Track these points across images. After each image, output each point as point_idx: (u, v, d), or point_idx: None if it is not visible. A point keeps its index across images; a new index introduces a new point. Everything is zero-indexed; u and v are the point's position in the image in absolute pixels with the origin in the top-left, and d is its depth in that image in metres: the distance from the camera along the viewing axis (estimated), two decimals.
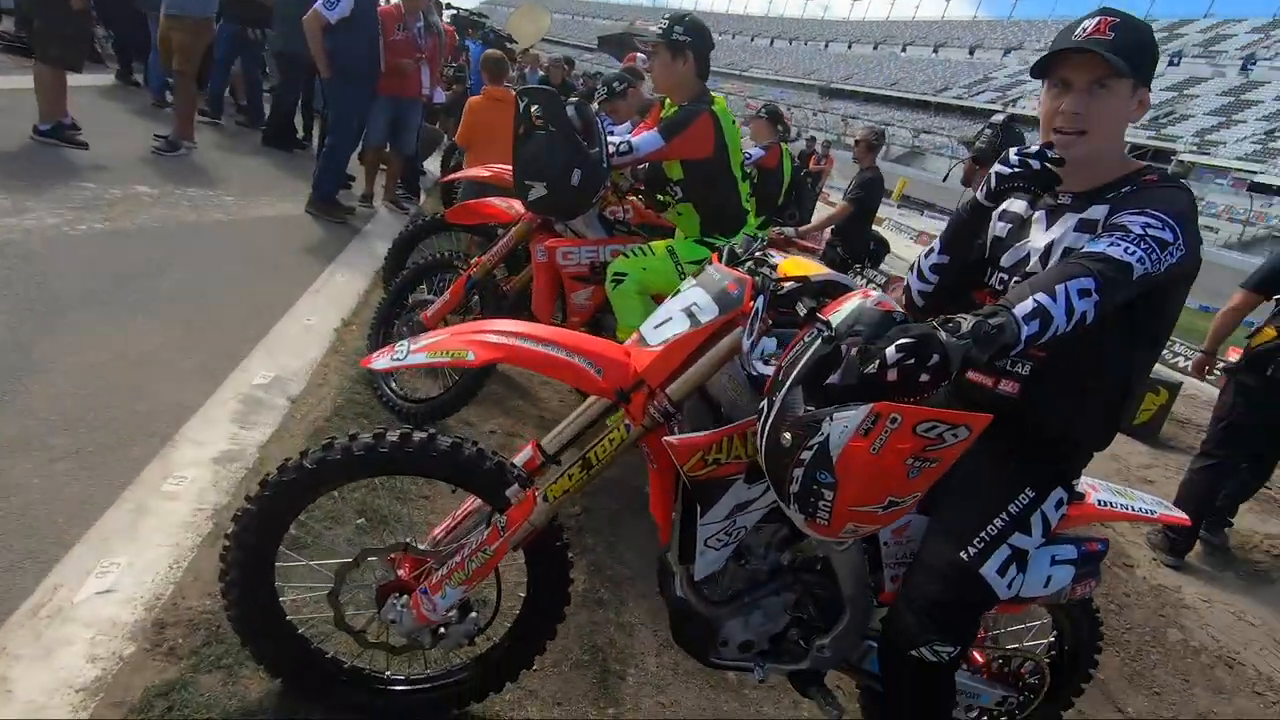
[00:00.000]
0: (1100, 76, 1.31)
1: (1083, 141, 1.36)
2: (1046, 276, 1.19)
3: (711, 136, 2.51)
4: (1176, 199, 1.28)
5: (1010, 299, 1.15)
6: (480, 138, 4.99)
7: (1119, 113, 1.35)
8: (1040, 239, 1.47)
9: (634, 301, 2.57)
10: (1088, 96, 1.33)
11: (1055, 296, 1.14)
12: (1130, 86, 1.33)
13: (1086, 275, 1.17)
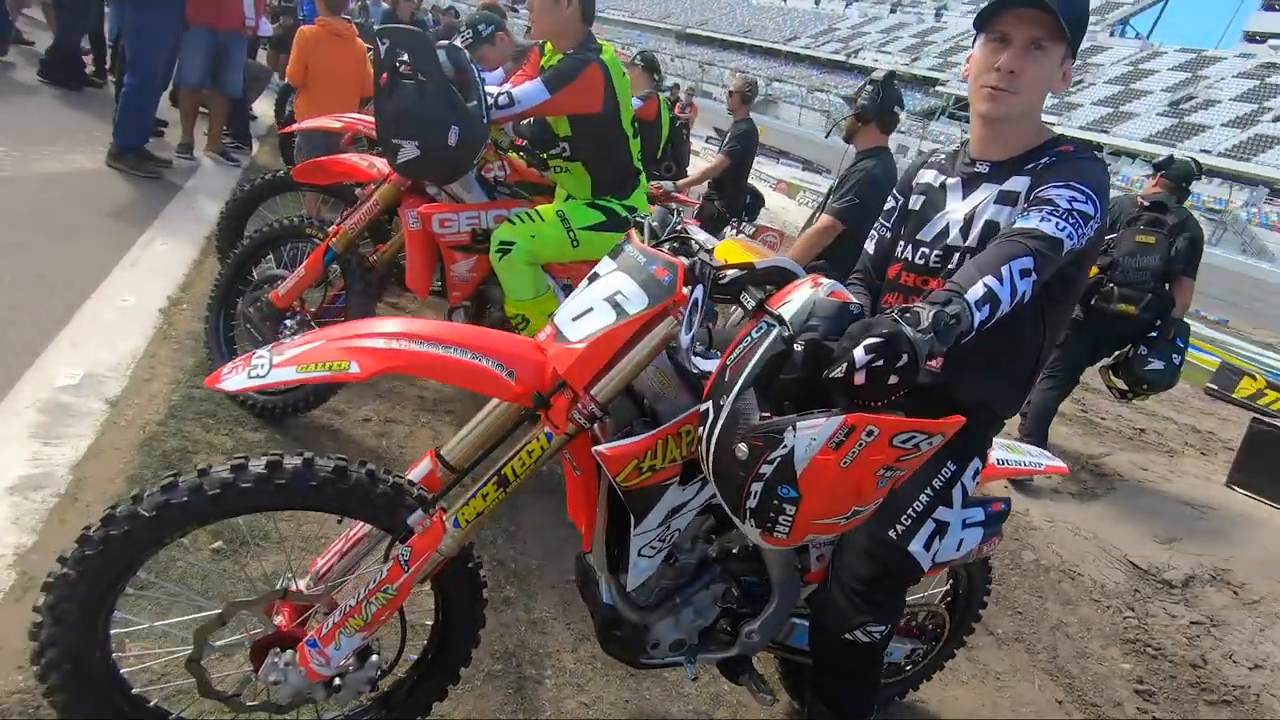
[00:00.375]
0: (1039, 37, 1.28)
1: (1012, 101, 1.33)
2: (990, 257, 1.15)
3: (601, 89, 2.29)
4: (1094, 170, 1.29)
5: (960, 283, 1.10)
6: (317, 76, 4.35)
7: (1049, 78, 1.32)
8: (959, 209, 1.44)
9: (524, 273, 2.35)
10: (1024, 56, 1.29)
11: (1002, 279, 1.11)
12: (1063, 53, 1.31)
13: (1027, 254, 1.15)
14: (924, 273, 1.48)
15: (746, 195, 5.26)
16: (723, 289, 1.14)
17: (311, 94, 4.37)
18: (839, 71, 63.91)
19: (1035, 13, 1.26)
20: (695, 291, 1.13)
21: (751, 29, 74.62)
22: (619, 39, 73.41)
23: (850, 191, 2.90)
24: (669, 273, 1.15)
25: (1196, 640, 2.98)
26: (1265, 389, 8.40)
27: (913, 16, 69.26)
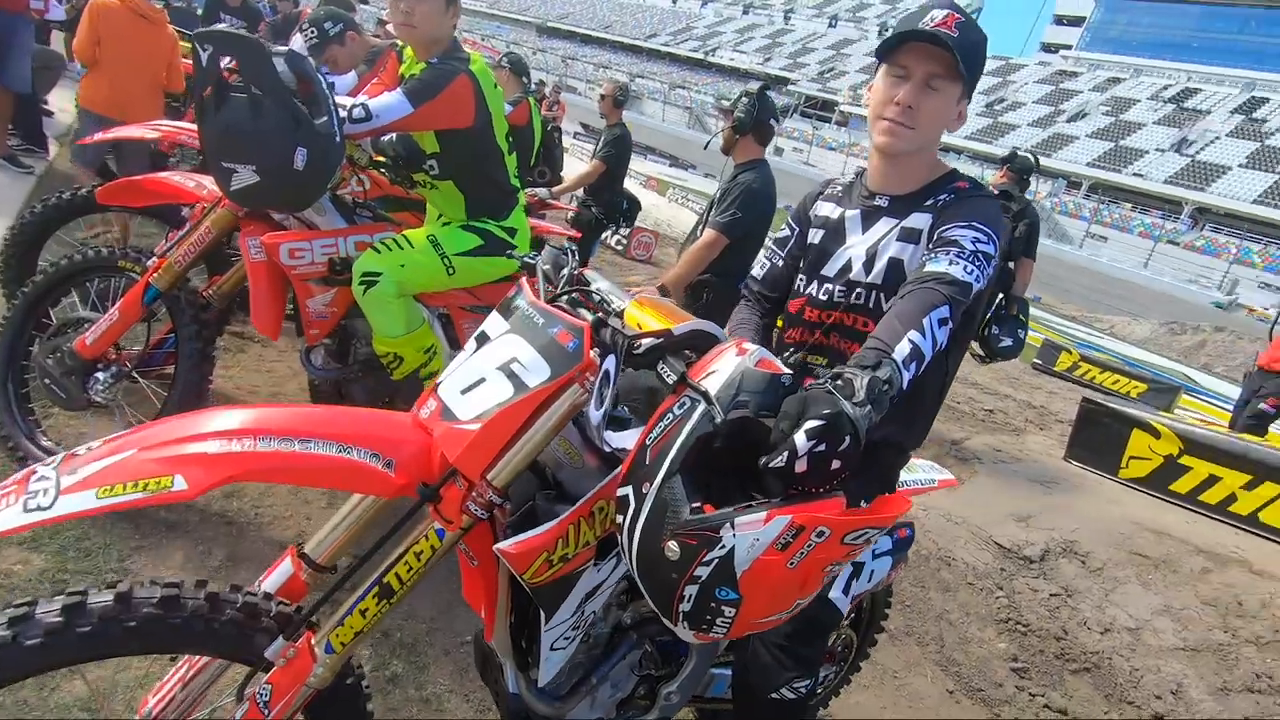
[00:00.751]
0: (935, 73, 1.27)
1: (909, 137, 1.32)
2: (910, 309, 1.11)
3: (471, 102, 2.08)
4: (991, 208, 1.29)
5: (885, 340, 1.05)
6: (112, 57, 3.70)
7: (945, 115, 1.32)
8: (860, 243, 1.41)
9: (393, 306, 2.09)
10: (922, 91, 1.28)
11: (924, 331, 1.07)
12: (959, 92, 1.30)
13: (944, 303, 1.13)
14: (828, 308, 1.44)
15: (623, 200, 5.16)
16: (638, 360, 1.01)
17: (103, 76, 3.70)
18: (699, 69, 65.86)
19: (935, 49, 1.25)
20: (606, 363, 0.99)
21: (612, 25, 75.09)
22: (478, 29, 71.26)
23: (732, 205, 2.87)
24: (573, 338, 1.01)
25: (1056, 612, 3.25)
26: (1079, 361, 9.55)
27: (764, 18, 72.69)
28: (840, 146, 49.69)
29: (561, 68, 64.20)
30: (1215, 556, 3.63)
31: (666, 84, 62.27)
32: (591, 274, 1.21)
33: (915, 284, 1.18)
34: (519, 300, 1.11)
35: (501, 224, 2.31)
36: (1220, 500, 4.01)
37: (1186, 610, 3.29)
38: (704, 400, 0.89)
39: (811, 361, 1.50)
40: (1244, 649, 3.06)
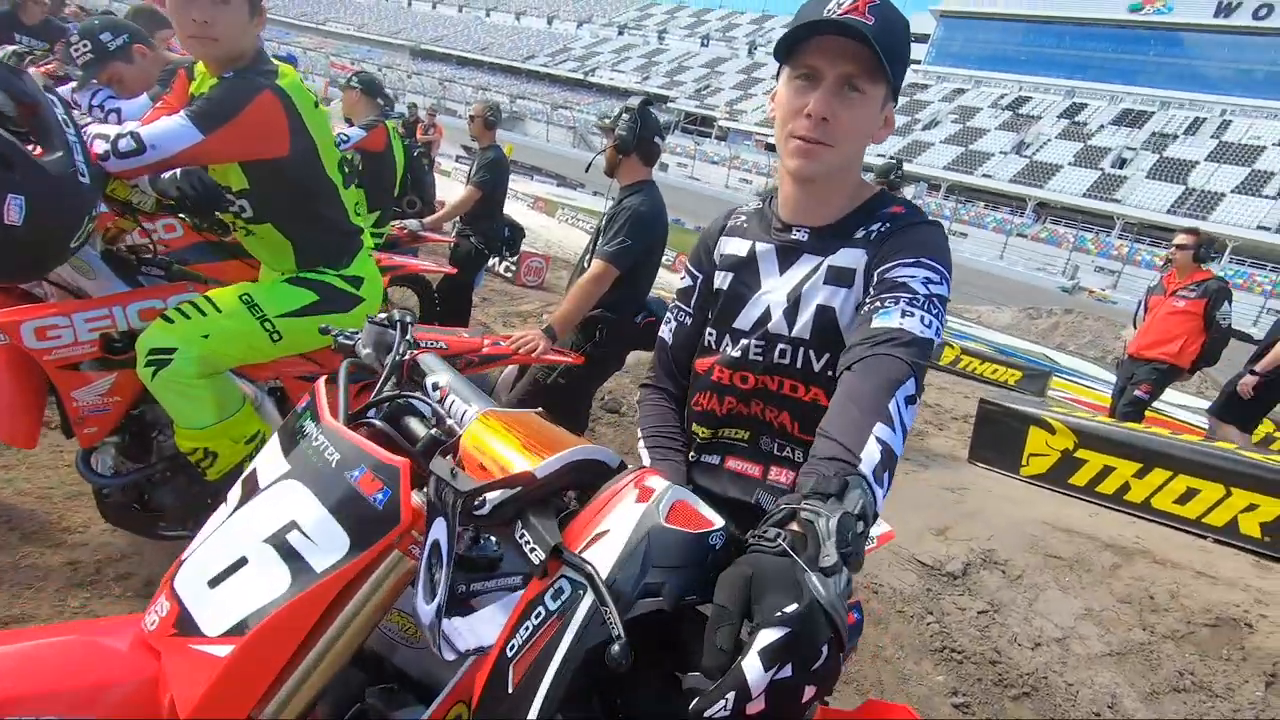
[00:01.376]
0: (854, 74, 1.00)
1: (827, 156, 1.04)
2: (870, 390, 0.84)
3: (283, 126, 1.65)
4: (938, 238, 1.05)
5: (843, 440, 0.77)
6: None
7: (867, 125, 1.05)
8: (778, 287, 1.13)
9: (197, 390, 1.62)
10: (837, 97, 1.01)
11: (893, 421, 0.81)
12: (884, 93, 1.04)
13: (908, 374, 0.87)
14: (743, 367, 1.16)
15: (504, 228, 4.77)
16: (483, 520, 0.66)
17: None
18: (579, 89, 66.37)
19: (849, 44, 0.98)
20: (434, 530, 0.63)
21: (489, 47, 74.34)
22: (346, 54, 68.50)
23: (620, 232, 2.58)
24: (382, 485, 0.64)
25: (987, 631, 3.15)
26: (961, 354, 10.02)
27: (639, 38, 74.35)
28: (722, 160, 51.41)
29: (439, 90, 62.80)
30: (1121, 550, 3.68)
31: (548, 104, 62.23)
32: (431, 363, 0.85)
33: (866, 347, 0.91)
34: (306, 423, 0.74)
35: (342, 272, 1.89)
36: (1116, 490, 4.11)
37: (1106, 611, 3.27)
38: (589, 586, 0.55)
39: (728, 436, 1.20)
40: (1163, 646, 3.06)
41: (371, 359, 0.91)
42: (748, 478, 1.17)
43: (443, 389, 0.83)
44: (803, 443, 1.13)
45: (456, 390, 0.84)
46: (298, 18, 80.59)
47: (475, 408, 0.79)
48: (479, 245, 4.60)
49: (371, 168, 3.71)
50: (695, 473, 1.24)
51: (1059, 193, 41.47)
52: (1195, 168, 42.20)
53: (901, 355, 0.90)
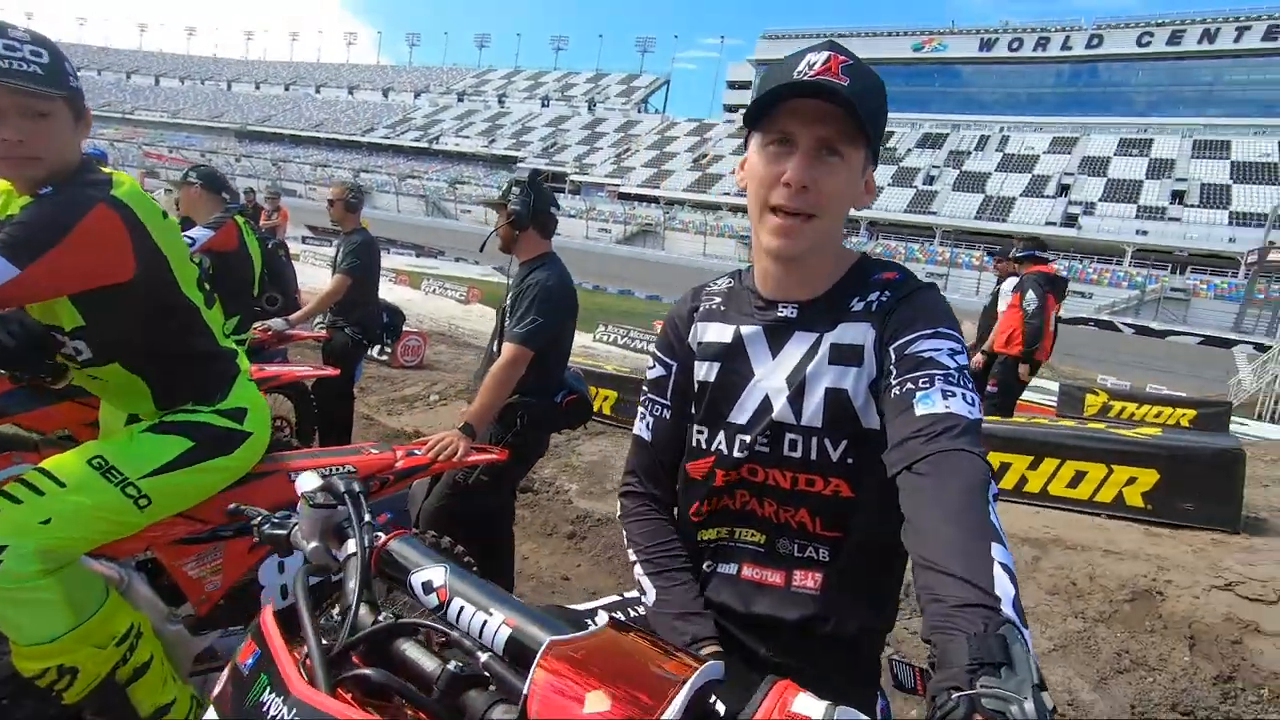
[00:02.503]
0: (832, 137, 0.93)
1: (809, 231, 0.96)
2: (963, 504, 0.75)
3: (123, 244, 1.35)
4: (943, 303, 0.99)
5: (977, 579, 0.67)
6: None
7: (850, 191, 0.98)
8: (774, 374, 1.03)
9: (43, 593, 1.25)
10: (815, 162, 0.93)
11: (1002, 538, 0.70)
12: (863, 159, 0.97)
13: (987, 472, 0.80)
14: (749, 463, 1.03)
15: (382, 313, 4.42)
16: None
17: None
18: (425, 158, 65.68)
19: (824, 106, 0.91)
20: None
21: (323, 123, 71.99)
22: (164, 142, 63.53)
23: (530, 311, 2.41)
24: None
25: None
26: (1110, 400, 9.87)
27: (479, 104, 75.10)
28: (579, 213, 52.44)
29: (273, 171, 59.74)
30: (1036, 542, 3.88)
31: (395, 175, 60.87)
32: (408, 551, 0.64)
33: (923, 442, 0.81)
34: (265, 696, 0.51)
35: (218, 407, 1.57)
36: (1015, 484, 4.37)
37: (1040, 606, 3.41)
38: None
39: (743, 539, 1.06)
40: (1097, 630, 3.21)
41: (321, 554, 0.68)
42: (769, 587, 1.04)
43: (440, 590, 0.62)
44: (828, 541, 1.02)
45: (465, 591, 0.62)
46: (101, 108, 74.09)
47: (499, 617, 0.59)
48: (355, 336, 4.22)
49: (224, 269, 3.29)
50: (712, 588, 1.09)
51: (885, 211, 46.01)
52: (989, 178, 48.53)
53: (968, 447, 0.81)
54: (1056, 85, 56.94)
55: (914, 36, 61.55)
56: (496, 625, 0.59)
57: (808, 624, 1.01)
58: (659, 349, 1.17)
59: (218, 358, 1.62)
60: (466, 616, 0.61)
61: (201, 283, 1.60)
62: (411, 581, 0.64)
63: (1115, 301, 36.56)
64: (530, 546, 3.92)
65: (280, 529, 0.73)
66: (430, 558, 0.66)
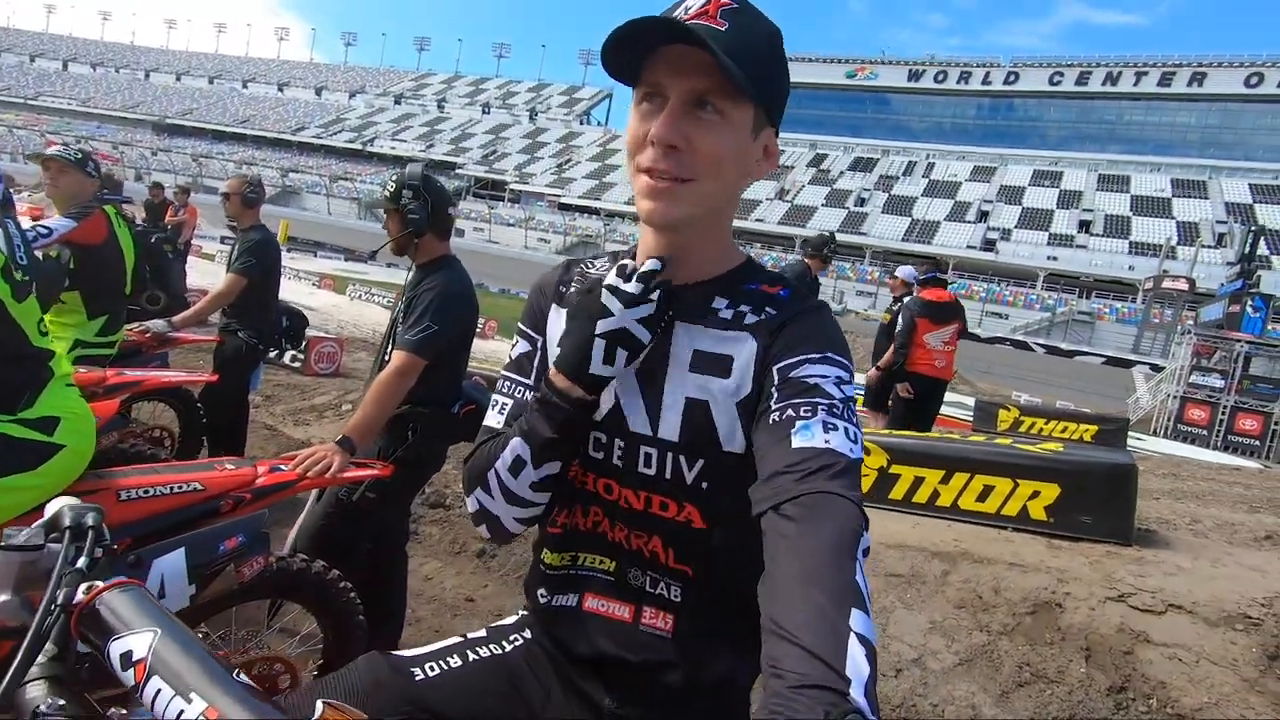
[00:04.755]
0: (707, 89, 0.80)
1: (684, 194, 0.82)
2: (826, 560, 0.65)
3: None
4: (836, 328, 0.89)
5: (824, 654, 0.57)
6: None
7: (737, 153, 0.84)
8: (633, 372, 0.91)
9: None
10: (687, 117, 0.80)
11: (865, 602, 0.63)
12: (751, 119, 0.84)
13: (859, 522, 0.71)
14: (607, 474, 0.92)
15: (281, 318, 4.13)
16: None
17: None
18: (359, 159, 63.84)
19: (699, 55, 0.77)
20: None
21: (250, 119, 69.01)
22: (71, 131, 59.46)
23: (425, 317, 2.24)
24: None
25: None
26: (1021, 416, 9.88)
27: (417, 107, 73.63)
28: (518, 222, 51.94)
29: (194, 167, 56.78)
30: (945, 556, 3.94)
31: (326, 176, 58.83)
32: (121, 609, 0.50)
33: (794, 479, 0.72)
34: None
35: (22, 416, 1.36)
36: (928, 498, 4.44)
37: (947, 620, 3.43)
38: None
39: (588, 565, 0.95)
40: (1000, 643, 3.26)
41: (14, 610, 0.52)
42: (615, 622, 0.92)
43: (139, 665, 0.47)
44: (677, 574, 0.91)
45: (167, 667, 0.47)
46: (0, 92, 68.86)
47: (199, 705, 0.44)
48: (250, 340, 3.91)
49: (89, 264, 2.97)
50: (545, 625, 0.98)
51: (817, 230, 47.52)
52: (916, 202, 50.79)
53: (843, 491, 0.70)
54: (978, 117, 60.33)
55: (848, 64, 64.08)
56: (195, 717, 0.45)
57: (656, 670, 0.90)
58: (523, 322, 1.03)
59: (25, 359, 1.41)
60: (162, 703, 0.46)
61: (8, 271, 1.39)
62: (110, 651, 0.49)
63: (1029, 322, 38.79)
64: (435, 565, 3.71)
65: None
66: (149, 616, 0.51)
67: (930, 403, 6.08)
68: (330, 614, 1.91)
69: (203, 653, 0.50)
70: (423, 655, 0.95)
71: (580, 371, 0.84)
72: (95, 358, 3.06)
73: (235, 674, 0.49)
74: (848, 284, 42.94)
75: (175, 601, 1.56)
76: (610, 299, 0.83)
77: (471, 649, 0.98)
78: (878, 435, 4.86)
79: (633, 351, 0.83)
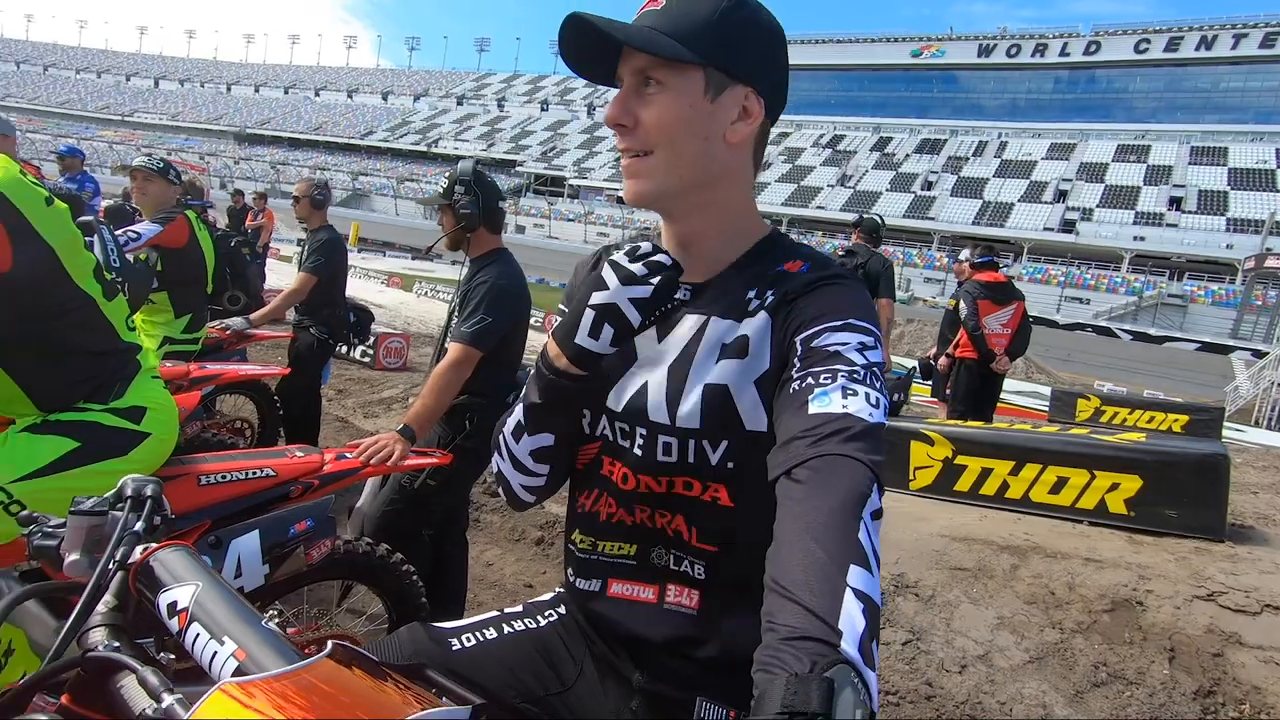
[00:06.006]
0: (646, 65, 0.85)
1: (646, 168, 0.87)
2: (829, 518, 0.65)
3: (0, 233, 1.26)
4: (861, 294, 0.87)
5: (817, 608, 0.57)
6: None
7: (687, 119, 0.85)
8: (654, 360, 0.93)
9: None
10: (634, 96, 0.86)
11: (867, 560, 0.62)
12: (702, 81, 0.85)
13: (870, 483, 0.69)
14: (626, 461, 0.93)
15: (348, 313, 4.32)
16: None
17: None
18: (424, 161, 65.76)
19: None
20: None
21: (323, 126, 72.09)
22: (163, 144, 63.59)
23: (479, 309, 2.31)
24: None
25: (914, 663, 3.06)
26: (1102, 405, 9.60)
27: (479, 108, 75.24)
28: (577, 217, 52.48)
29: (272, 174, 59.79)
30: (1015, 549, 3.78)
31: (393, 179, 60.93)
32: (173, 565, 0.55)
33: (808, 444, 0.71)
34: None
35: (113, 406, 1.47)
36: (997, 490, 4.27)
37: (1017, 616, 3.30)
38: None
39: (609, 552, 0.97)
40: (1074, 641, 3.11)
41: (82, 568, 0.59)
42: (641, 604, 0.94)
43: (182, 614, 0.53)
44: (702, 553, 0.91)
45: (205, 614, 0.53)
46: (99, 111, 74.22)
47: (229, 647, 0.50)
48: (321, 335, 4.12)
49: (174, 266, 3.19)
50: (575, 601, 1.01)
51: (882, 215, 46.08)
52: (987, 184, 48.53)
53: (857, 454, 0.69)
54: (1055, 91, 57.06)
55: (912, 43, 61.70)
56: (225, 657, 0.50)
57: (684, 646, 0.91)
58: (563, 302, 1.06)
59: (115, 353, 1.52)
60: (200, 645, 0.52)
61: (100, 272, 1.50)
62: (159, 601, 0.55)
63: (1113, 307, 36.49)
64: (495, 552, 3.82)
65: (50, 539, 0.64)
66: (194, 572, 0.57)
67: (992, 387, 5.87)
68: (394, 595, 2.00)
69: (236, 603, 0.56)
70: (461, 627, 0.99)
71: (567, 341, 0.84)
72: (181, 353, 3.29)
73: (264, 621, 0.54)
74: (914, 271, 41.45)
75: (251, 580, 1.66)
76: (610, 273, 0.83)
77: (507, 622, 1.02)
78: (943, 426, 4.70)
79: (620, 330, 0.82)
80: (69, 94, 78.12)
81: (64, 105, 74.85)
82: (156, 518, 0.64)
